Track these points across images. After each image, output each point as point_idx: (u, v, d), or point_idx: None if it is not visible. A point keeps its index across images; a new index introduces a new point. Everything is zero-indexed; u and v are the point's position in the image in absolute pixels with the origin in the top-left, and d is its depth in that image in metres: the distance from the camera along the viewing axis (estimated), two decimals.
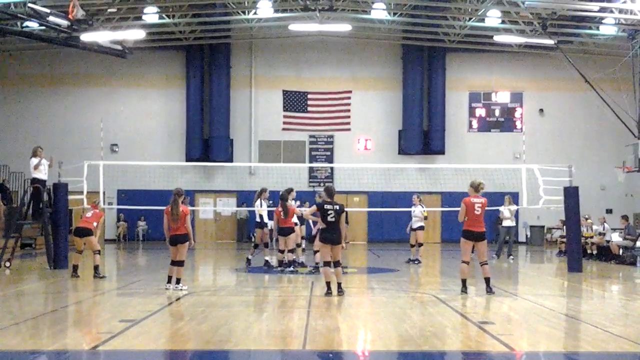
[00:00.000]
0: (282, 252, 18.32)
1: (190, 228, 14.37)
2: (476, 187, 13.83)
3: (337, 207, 13.38)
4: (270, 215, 19.81)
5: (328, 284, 13.35)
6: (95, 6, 27.10)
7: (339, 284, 13.38)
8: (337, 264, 13.44)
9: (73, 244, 17.47)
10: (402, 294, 14.05)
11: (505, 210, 23.36)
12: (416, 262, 21.25)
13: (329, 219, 13.29)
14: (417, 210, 21.59)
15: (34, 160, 19.23)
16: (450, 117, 34.82)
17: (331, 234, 13.30)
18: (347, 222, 26.15)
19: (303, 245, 20.71)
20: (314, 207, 13.84)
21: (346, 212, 14.05)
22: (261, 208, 19.07)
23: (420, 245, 21.53)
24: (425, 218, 21.71)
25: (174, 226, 13.98)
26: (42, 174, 19.32)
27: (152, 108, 34.70)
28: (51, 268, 18.64)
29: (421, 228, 21.65)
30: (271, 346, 8.98)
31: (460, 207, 13.77)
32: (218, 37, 34.25)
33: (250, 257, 19.62)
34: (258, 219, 19.23)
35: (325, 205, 13.38)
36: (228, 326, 10.09)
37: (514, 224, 24.02)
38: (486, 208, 14.00)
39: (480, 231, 13.71)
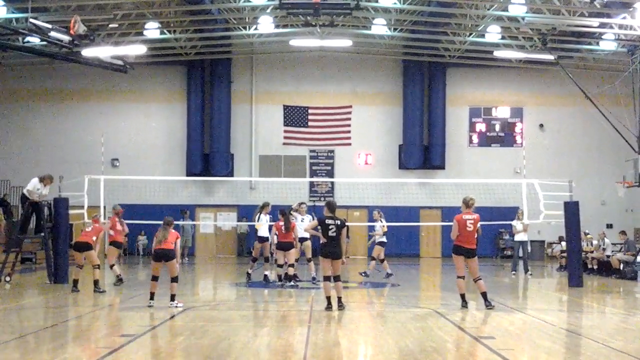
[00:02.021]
0: (280, 266, 18.30)
1: (179, 251, 14.18)
2: (467, 203, 13.87)
3: (339, 222, 13.39)
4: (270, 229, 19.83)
5: (328, 298, 13.34)
6: (96, 22, 27.19)
7: (339, 299, 13.38)
8: (337, 278, 13.44)
9: (73, 259, 17.47)
10: (403, 309, 14.04)
11: (518, 224, 23.15)
12: (388, 275, 20.97)
13: (330, 233, 13.30)
14: (378, 226, 21.39)
15: (37, 185, 19.30)
16: (451, 132, 34.85)
17: (332, 249, 13.31)
18: (348, 237, 26.19)
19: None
20: (315, 222, 13.84)
21: (347, 227, 14.05)
22: (259, 222, 19.07)
23: (382, 260, 21.19)
24: (384, 234, 21.37)
25: (161, 239, 13.80)
26: (34, 196, 19.40)
27: (153, 123, 34.76)
28: (51, 282, 18.63)
29: (381, 244, 21.32)
30: None
31: (453, 223, 13.81)
32: (219, 52, 34.35)
33: (250, 271, 19.61)
34: (260, 233, 19.23)
35: (326, 220, 13.39)
36: (228, 341, 10.08)
37: (526, 238, 23.70)
38: (483, 223, 14.02)
39: (470, 247, 13.72)
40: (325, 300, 13.40)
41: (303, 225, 18.33)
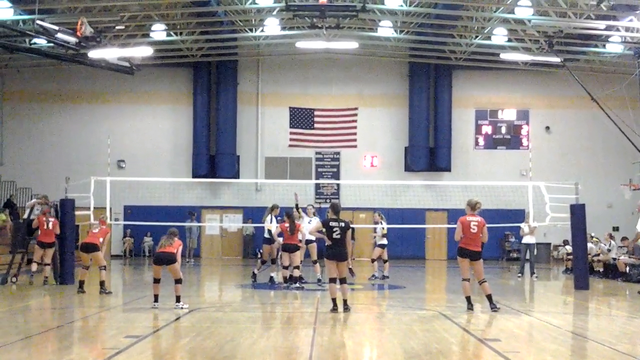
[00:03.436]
0: (286, 268, 18.29)
1: (180, 259, 14.09)
2: (473, 206, 13.81)
3: (343, 224, 13.37)
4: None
5: (334, 300, 13.32)
6: (103, 23, 27.26)
7: (345, 301, 13.36)
8: (342, 280, 13.42)
9: (79, 260, 17.50)
10: (408, 311, 14.03)
11: (525, 227, 23.05)
12: (383, 277, 21.11)
13: (334, 235, 13.28)
14: (378, 228, 21.49)
15: (37, 207, 19.56)
16: (457, 134, 34.82)
17: (336, 251, 13.29)
18: (353, 239, 26.20)
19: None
20: (319, 224, 13.83)
21: (352, 229, 14.03)
22: (270, 224, 19.07)
23: (385, 261, 21.40)
24: (384, 235, 21.40)
25: (164, 244, 13.78)
26: (33, 215, 19.66)
27: (159, 124, 34.80)
28: (57, 283, 18.68)
29: (380, 246, 21.41)
30: None
31: (457, 225, 13.77)
32: (225, 54, 34.39)
33: (256, 271, 19.53)
34: (267, 235, 19.19)
35: (330, 222, 13.38)
36: (234, 342, 10.08)
37: (534, 240, 23.60)
38: (489, 225, 14.00)
39: (475, 250, 13.65)
40: (331, 302, 13.38)
41: (309, 227, 18.35)
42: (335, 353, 9.49)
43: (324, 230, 13.44)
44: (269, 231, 19.03)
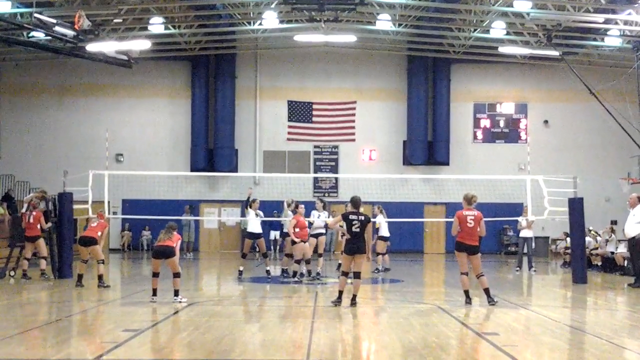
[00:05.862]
0: (288, 255, 18.28)
1: (178, 252, 14.07)
2: (469, 200, 13.80)
3: (362, 218, 13.37)
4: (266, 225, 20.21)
5: (340, 292, 13.29)
6: (101, 16, 27.20)
7: (354, 296, 13.31)
8: (357, 275, 13.38)
9: (78, 253, 17.49)
10: (407, 304, 14.04)
11: (523, 221, 23.03)
12: (376, 271, 21.25)
13: (354, 229, 13.26)
14: (377, 219, 21.50)
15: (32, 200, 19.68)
16: (455, 128, 34.82)
17: (356, 244, 13.26)
18: None
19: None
20: (339, 217, 13.84)
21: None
22: (247, 217, 19.15)
23: (378, 254, 21.47)
24: (377, 229, 21.38)
25: (163, 238, 13.77)
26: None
27: (157, 118, 34.77)
28: (56, 277, 18.67)
29: (382, 238, 21.50)
30: (275, 356, 8.97)
31: (454, 220, 13.77)
32: (223, 48, 34.34)
33: (241, 268, 19.33)
34: (250, 229, 19.14)
35: (350, 216, 13.36)
36: (232, 336, 10.09)
37: (531, 234, 23.56)
38: (487, 219, 14.00)
39: (472, 244, 13.65)
40: (336, 295, 13.34)
41: (319, 221, 18.44)
42: (334, 346, 9.50)
43: (343, 223, 13.43)
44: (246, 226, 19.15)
